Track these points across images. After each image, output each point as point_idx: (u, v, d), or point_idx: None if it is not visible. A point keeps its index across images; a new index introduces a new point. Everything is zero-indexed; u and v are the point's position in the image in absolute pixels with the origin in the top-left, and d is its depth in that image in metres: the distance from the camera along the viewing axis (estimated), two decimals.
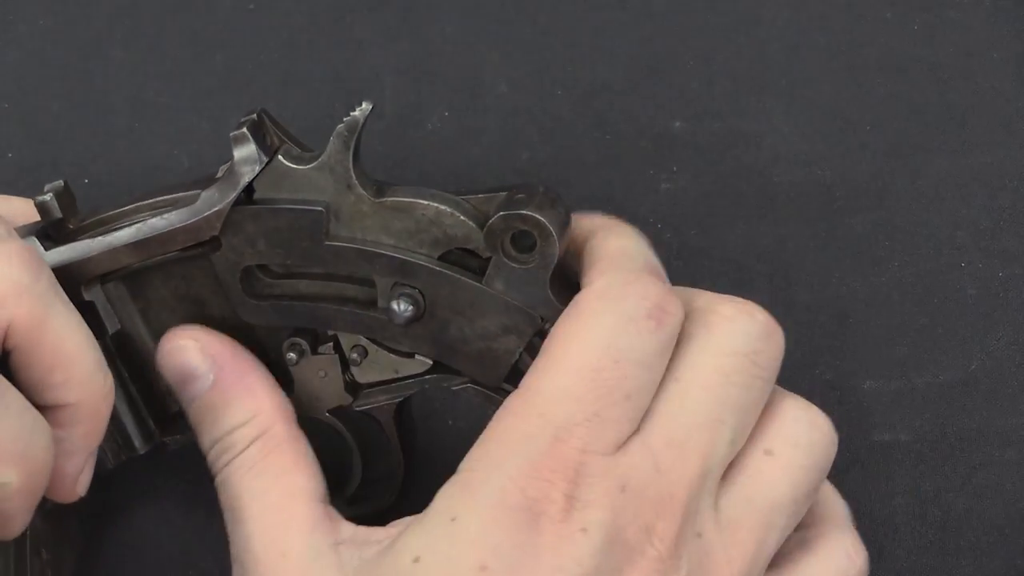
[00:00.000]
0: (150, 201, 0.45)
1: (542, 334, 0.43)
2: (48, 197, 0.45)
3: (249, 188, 0.44)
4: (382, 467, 0.51)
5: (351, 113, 0.43)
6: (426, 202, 0.44)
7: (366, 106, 0.43)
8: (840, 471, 0.53)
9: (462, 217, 0.43)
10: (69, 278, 0.44)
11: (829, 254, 0.54)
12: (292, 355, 0.46)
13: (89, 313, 0.45)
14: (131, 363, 0.47)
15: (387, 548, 0.42)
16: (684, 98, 0.54)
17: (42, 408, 0.42)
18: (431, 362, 0.46)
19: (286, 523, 0.44)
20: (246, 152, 0.43)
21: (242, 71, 0.55)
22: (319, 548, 0.43)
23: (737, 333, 0.43)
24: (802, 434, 0.44)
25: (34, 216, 0.46)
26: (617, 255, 0.44)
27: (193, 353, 0.46)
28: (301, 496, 0.45)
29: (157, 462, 0.49)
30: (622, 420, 0.41)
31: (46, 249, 0.44)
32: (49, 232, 0.45)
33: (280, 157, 0.44)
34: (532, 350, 0.44)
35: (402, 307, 0.44)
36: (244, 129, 0.43)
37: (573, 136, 0.55)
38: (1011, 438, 0.54)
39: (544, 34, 0.55)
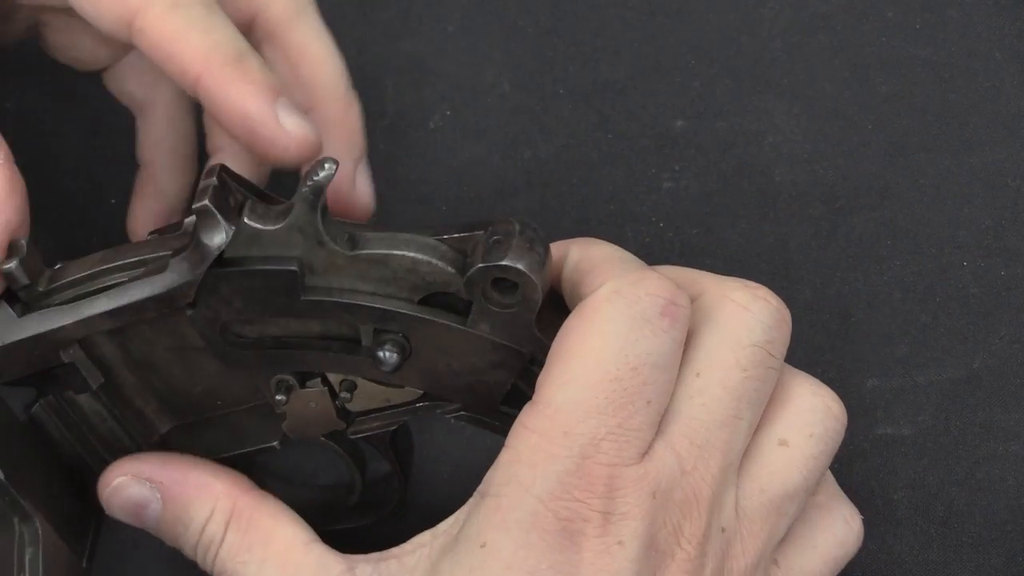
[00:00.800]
0: (117, 263, 0.44)
1: (534, 362, 0.43)
2: (13, 265, 0.43)
3: (221, 251, 0.43)
4: (379, 478, 0.51)
5: (315, 176, 0.41)
6: (401, 252, 0.42)
7: (330, 167, 0.41)
8: (843, 465, 0.53)
9: (439, 264, 0.42)
10: (46, 344, 0.44)
11: (831, 253, 0.54)
12: (281, 396, 0.46)
13: (71, 374, 0.45)
14: (119, 397, 0.47)
15: (415, 573, 0.42)
16: (686, 97, 0.54)
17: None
18: (422, 391, 0.46)
19: (294, 574, 0.44)
20: (212, 224, 0.42)
21: None
22: None
23: (755, 323, 0.42)
24: (817, 423, 0.43)
25: None
26: (611, 259, 0.43)
27: (132, 487, 0.46)
28: (295, 545, 0.45)
29: None
30: (645, 427, 0.41)
31: (19, 316, 0.43)
32: (20, 297, 0.44)
33: (246, 220, 0.42)
34: (525, 377, 0.43)
35: (388, 355, 0.43)
36: (206, 201, 0.42)
37: (575, 135, 0.55)
38: (1014, 433, 0.54)
39: (546, 33, 0.55)
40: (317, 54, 0.47)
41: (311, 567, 0.44)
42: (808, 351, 0.54)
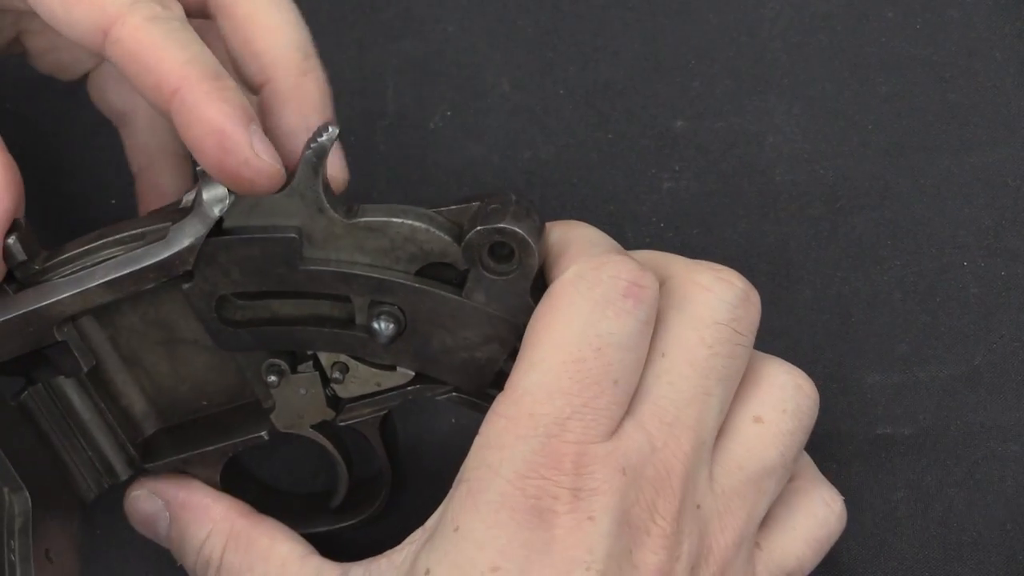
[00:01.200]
0: (115, 237, 0.44)
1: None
2: (11, 241, 0.43)
3: (219, 219, 0.43)
4: (368, 476, 0.51)
5: (318, 139, 0.42)
6: (399, 220, 0.43)
7: (333, 131, 0.42)
8: (842, 465, 0.53)
9: (437, 232, 0.43)
10: (40, 321, 0.44)
11: (831, 253, 0.54)
12: (273, 378, 0.46)
13: (63, 353, 0.45)
14: (107, 393, 0.47)
15: (403, 571, 0.43)
16: (686, 97, 0.54)
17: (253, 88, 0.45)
18: (413, 373, 0.46)
19: None
20: (212, 192, 0.43)
21: None
22: None
23: (717, 302, 0.43)
24: (789, 399, 0.44)
25: None
26: (580, 242, 0.44)
27: (145, 500, 0.49)
28: (291, 560, 0.46)
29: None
30: (612, 406, 0.41)
31: (14, 292, 0.44)
32: (15, 274, 0.44)
33: None
34: (516, 355, 0.43)
35: (383, 326, 0.44)
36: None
37: (575, 135, 0.55)
38: (1013, 433, 0.54)
39: (546, 33, 0.55)
40: (270, 24, 0.46)
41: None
42: (809, 350, 0.54)
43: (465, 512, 0.41)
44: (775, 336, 0.54)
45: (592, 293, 0.42)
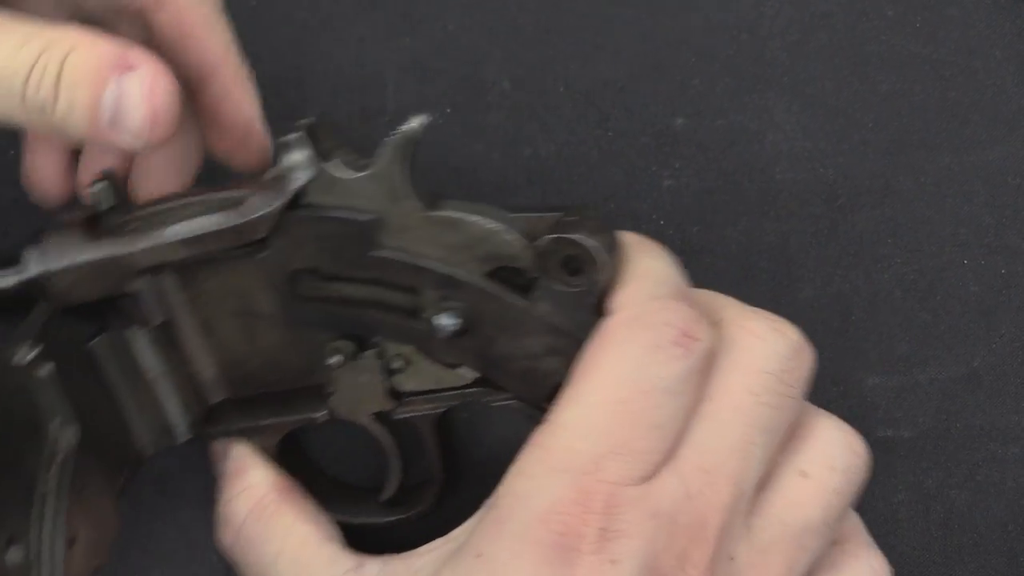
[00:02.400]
0: (198, 199, 0.45)
1: None
2: (101, 186, 0.45)
3: (300, 193, 0.44)
4: (420, 474, 0.51)
5: (408, 124, 0.42)
6: (477, 218, 0.43)
7: (424, 118, 0.43)
8: None
9: (512, 236, 0.43)
10: (115, 270, 0.45)
11: (831, 251, 0.54)
12: (335, 359, 0.46)
13: (136, 304, 0.45)
14: (177, 353, 0.47)
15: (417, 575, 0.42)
16: (686, 95, 0.54)
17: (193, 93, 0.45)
18: (475, 375, 0.46)
19: (306, 570, 0.46)
20: (298, 157, 0.43)
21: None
22: (342, 575, 0.45)
23: (767, 352, 0.42)
24: (838, 457, 0.43)
25: None
26: (646, 277, 0.43)
27: (216, 444, 0.50)
28: (310, 542, 0.46)
29: (161, 457, 0.49)
30: (651, 451, 0.40)
31: (96, 238, 0.45)
32: (100, 221, 0.45)
33: (332, 164, 0.43)
34: None
35: (446, 322, 0.44)
36: (300, 134, 0.43)
37: (575, 133, 0.55)
38: (1014, 434, 0.54)
39: (546, 31, 0.55)
40: (209, 15, 0.46)
41: (322, 562, 0.45)
42: None
43: (489, 539, 0.41)
44: None
45: (644, 336, 0.41)
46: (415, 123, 0.42)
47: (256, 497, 0.48)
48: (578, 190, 0.55)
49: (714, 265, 0.54)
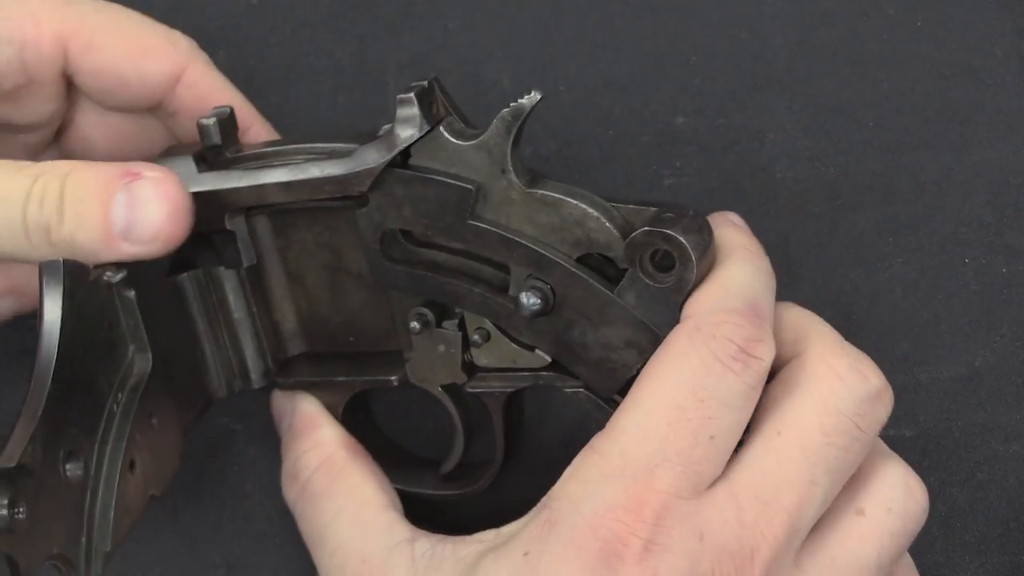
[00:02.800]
0: (307, 145, 0.46)
1: None
2: (211, 121, 0.46)
3: (406, 152, 0.44)
4: (482, 451, 0.51)
5: (520, 99, 0.43)
6: (575, 202, 0.43)
7: (535, 95, 0.43)
8: None
9: (607, 224, 0.43)
10: (215, 205, 0.45)
11: (832, 250, 0.54)
12: (416, 324, 0.47)
13: (229, 243, 0.46)
14: (262, 299, 0.48)
15: (463, 566, 0.42)
16: (687, 94, 0.54)
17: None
18: (549, 359, 0.46)
19: (363, 531, 0.46)
20: (408, 116, 0.43)
21: (245, 66, 0.55)
22: (394, 545, 0.45)
23: (846, 393, 0.42)
24: (897, 499, 0.43)
25: None
26: (718, 286, 0.43)
27: (281, 398, 0.51)
28: (372, 505, 0.47)
29: None
30: (705, 461, 0.40)
31: (199, 172, 0.45)
32: (206, 156, 0.46)
33: (441, 128, 0.44)
34: None
35: (530, 300, 0.44)
36: (411, 94, 0.44)
37: (576, 132, 0.55)
38: (1015, 433, 0.54)
39: (547, 30, 0.55)
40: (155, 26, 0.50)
41: (379, 527, 0.46)
42: None
43: (538, 539, 0.41)
44: None
45: (705, 347, 0.41)
46: (526, 100, 0.43)
47: (326, 453, 0.48)
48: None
49: None
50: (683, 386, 0.41)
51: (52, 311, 0.39)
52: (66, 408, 0.39)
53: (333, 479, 0.48)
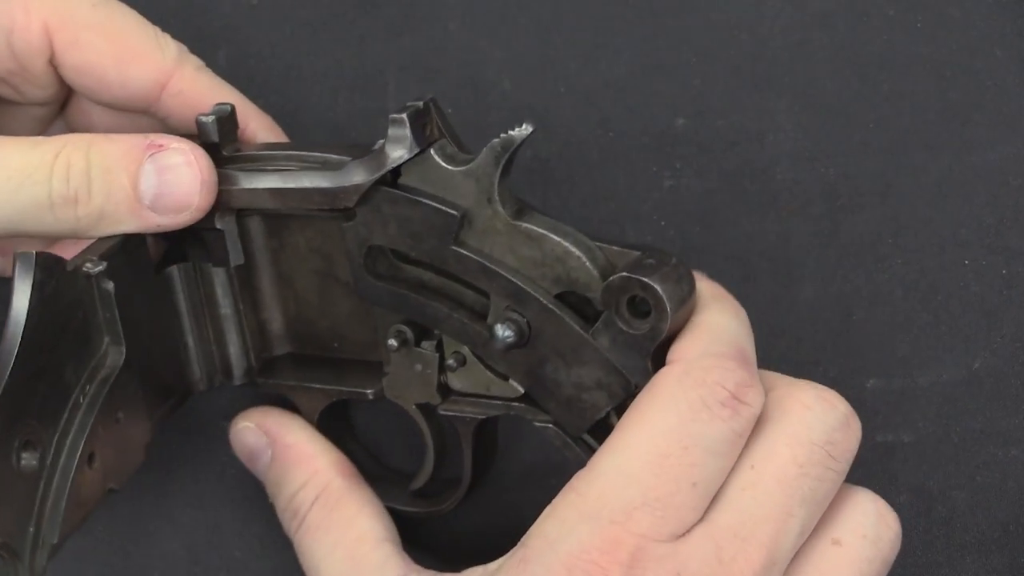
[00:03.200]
0: (302, 153, 0.46)
1: (633, 398, 0.43)
2: (210, 119, 0.46)
3: (396, 172, 0.44)
4: (458, 469, 0.51)
5: (511, 131, 0.43)
6: (558, 239, 0.44)
7: (526, 128, 0.43)
8: None
9: (588, 264, 0.43)
10: None
11: (832, 251, 0.54)
12: (394, 341, 0.47)
13: (219, 242, 0.46)
14: (250, 298, 0.48)
15: None
16: (687, 95, 0.54)
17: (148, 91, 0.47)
18: (522, 390, 0.46)
19: (355, 569, 0.46)
20: (399, 136, 0.44)
21: (245, 66, 0.55)
22: None
23: (816, 422, 0.42)
24: (871, 526, 0.43)
25: None
26: (708, 332, 0.43)
27: (251, 433, 0.50)
28: (368, 539, 0.47)
29: (162, 456, 0.48)
30: (685, 508, 0.40)
31: None
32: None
33: (432, 151, 0.44)
34: (621, 411, 0.43)
35: (504, 332, 0.44)
36: (404, 114, 0.44)
37: (576, 133, 0.55)
38: (1014, 438, 0.54)
39: (547, 31, 0.55)
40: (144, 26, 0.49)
41: (374, 563, 0.46)
42: (809, 350, 0.54)
43: None
44: (776, 336, 0.54)
45: (693, 393, 0.41)
46: (516, 132, 0.43)
47: (322, 484, 0.48)
48: (579, 190, 0.55)
49: (715, 265, 0.54)
50: (668, 432, 0.41)
51: (20, 302, 0.39)
52: (27, 398, 0.39)
53: (330, 511, 0.47)
